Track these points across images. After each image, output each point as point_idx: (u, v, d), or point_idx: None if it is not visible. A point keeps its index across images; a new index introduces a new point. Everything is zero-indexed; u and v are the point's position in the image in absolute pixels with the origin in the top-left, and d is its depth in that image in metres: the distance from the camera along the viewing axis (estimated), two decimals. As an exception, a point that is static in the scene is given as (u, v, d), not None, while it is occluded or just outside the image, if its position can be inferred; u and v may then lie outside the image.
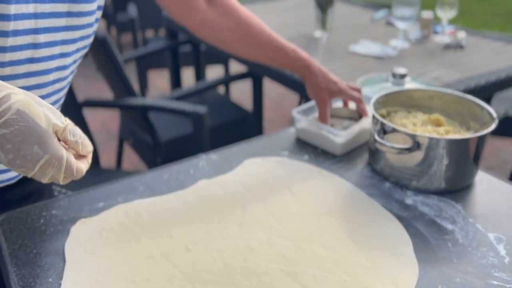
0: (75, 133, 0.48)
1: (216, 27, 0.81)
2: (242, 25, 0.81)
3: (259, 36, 0.82)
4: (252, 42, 0.82)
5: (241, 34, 0.81)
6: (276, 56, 0.83)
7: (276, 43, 0.83)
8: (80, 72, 3.41)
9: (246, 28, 0.81)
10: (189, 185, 0.74)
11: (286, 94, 3.06)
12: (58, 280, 0.55)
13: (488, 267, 0.58)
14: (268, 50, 0.83)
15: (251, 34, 0.81)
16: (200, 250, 0.60)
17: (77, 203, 0.68)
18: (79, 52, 0.65)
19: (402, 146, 0.70)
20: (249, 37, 0.82)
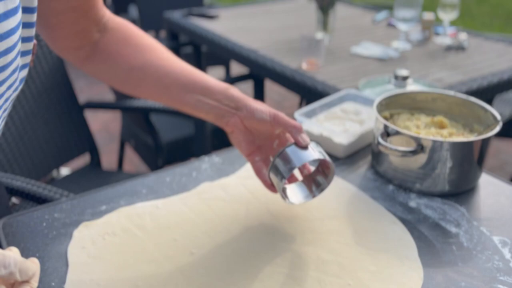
0: (5, 263, 0.40)
1: (109, 56, 0.65)
2: (143, 49, 0.65)
3: (166, 61, 0.65)
4: (158, 70, 0.64)
5: (142, 60, 0.64)
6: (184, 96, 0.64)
7: (191, 70, 0.66)
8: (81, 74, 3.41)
9: (148, 53, 0.65)
10: (192, 188, 0.74)
11: (286, 95, 3.06)
12: (61, 284, 0.54)
13: (493, 271, 0.58)
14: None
15: (155, 60, 0.65)
16: (204, 254, 0.60)
17: (80, 206, 0.68)
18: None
19: (405, 149, 0.69)
20: (154, 63, 0.65)
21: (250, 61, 1.44)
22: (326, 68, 1.33)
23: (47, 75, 1.28)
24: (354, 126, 0.86)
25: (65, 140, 1.34)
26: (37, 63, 1.26)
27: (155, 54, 0.65)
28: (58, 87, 1.32)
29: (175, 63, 0.65)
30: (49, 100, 1.29)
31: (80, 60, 0.66)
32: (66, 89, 1.34)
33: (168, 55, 0.66)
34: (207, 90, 0.63)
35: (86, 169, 1.43)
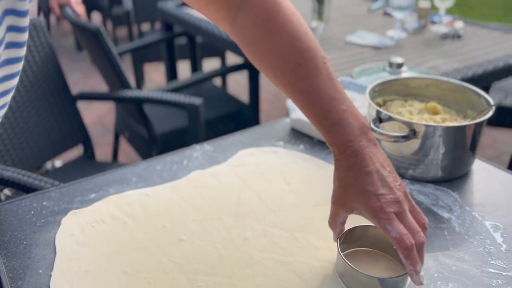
0: None
1: (245, 37, 0.56)
2: (275, 37, 0.54)
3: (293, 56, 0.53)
4: (282, 63, 0.54)
5: (271, 49, 0.54)
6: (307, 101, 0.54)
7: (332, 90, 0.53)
8: (76, 66, 3.38)
9: (279, 40, 0.54)
10: (183, 176, 0.73)
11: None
12: (48, 272, 0.54)
13: (485, 255, 0.57)
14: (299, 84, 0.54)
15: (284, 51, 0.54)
16: (194, 241, 0.59)
17: (69, 195, 0.67)
18: None
19: (398, 134, 0.69)
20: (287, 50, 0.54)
21: (244, 51, 1.43)
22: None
23: (38, 65, 1.27)
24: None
25: (57, 132, 1.33)
26: (28, 54, 1.25)
27: (286, 67, 0.54)
28: (50, 77, 1.30)
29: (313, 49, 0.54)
30: (41, 91, 1.28)
31: (224, 29, 0.59)
32: (58, 79, 1.33)
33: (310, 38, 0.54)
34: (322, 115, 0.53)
35: (79, 160, 1.42)
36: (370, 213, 0.49)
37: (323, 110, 0.52)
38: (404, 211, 0.49)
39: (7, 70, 0.44)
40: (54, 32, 4.16)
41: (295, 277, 0.54)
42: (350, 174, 0.51)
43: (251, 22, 0.55)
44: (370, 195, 0.49)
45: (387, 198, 0.49)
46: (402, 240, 0.47)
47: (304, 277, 0.54)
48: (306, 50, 0.53)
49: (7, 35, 0.43)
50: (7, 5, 0.42)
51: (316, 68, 0.52)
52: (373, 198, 0.49)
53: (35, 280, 0.53)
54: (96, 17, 3.99)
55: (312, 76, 0.52)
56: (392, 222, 0.48)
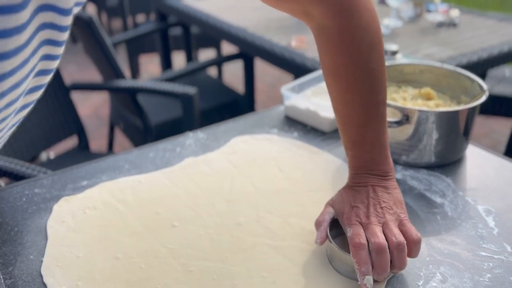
0: None
1: (324, 51, 0.56)
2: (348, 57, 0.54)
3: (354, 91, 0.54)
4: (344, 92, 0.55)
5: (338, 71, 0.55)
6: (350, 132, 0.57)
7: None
8: (70, 58, 3.36)
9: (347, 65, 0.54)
10: (176, 163, 0.73)
11: (280, 77, 3.03)
12: (39, 257, 0.54)
13: (477, 239, 0.57)
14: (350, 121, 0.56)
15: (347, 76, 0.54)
16: (186, 226, 0.59)
17: (61, 182, 0.67)
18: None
19: (391, 120, 0.68)
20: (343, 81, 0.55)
21: (240, 40, 1.42)
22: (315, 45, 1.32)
23: (31, 55, 1.26)
24: (341, 100, 0.85)
25: (51, 122, 1.32)
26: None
27: (364, 105, 0.55)
28: (43, 67, 1.29)
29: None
30: (34, 80, 1.27)
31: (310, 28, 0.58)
32: (52, 69, 1.32)
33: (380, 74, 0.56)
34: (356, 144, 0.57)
35: (74, 151, 1.41)
36: (340, 217, 0.54)
37: (377, 134, 0.56)
38: (371, 224, 0.51)
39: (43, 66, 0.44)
40: (49, 24, 4.12)
41: (288, 261, 0.54)
42: (348, 189, 0.57)
43: (340, 40, 0.54)
44: (346, 204, 0.54)
45: (358, 210, 0.53)
46: (352, 238, 0.50)
47: (296, 261, 0.54)
48: (384, 100, 0.57)
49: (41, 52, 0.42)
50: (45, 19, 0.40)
51: (383, 102, 0.56)
52: (347, 206, 0.54)
53: (26, 266, 0.52)
54: (91, 8, 3.96)
55: (380, 107, 0.56)
56: (351, 226, 0.51)
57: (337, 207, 0.55)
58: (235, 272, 0.53)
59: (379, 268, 0.48)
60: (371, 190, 0.55)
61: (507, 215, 0.61)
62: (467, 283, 0.51)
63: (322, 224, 0.54)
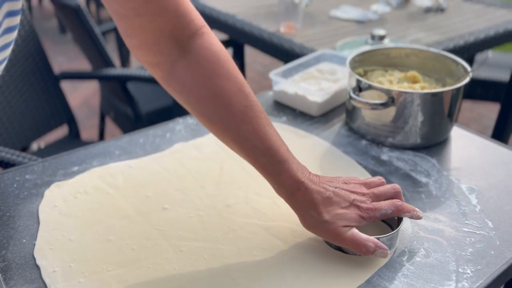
0: None
1: (183, 88, 0.53)
2: (217, 99, 0.52)
3: (235, 124, 0.53)
4: (227, 129, 0.53)
5: (211, 111, 0.53)
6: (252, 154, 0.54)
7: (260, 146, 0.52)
8: (59, 49, 3.33)
9: (221, 107, 0.52)
10: (166, 149, 0.73)
11: (271, 66, 3.03)
12: (32, 241, 0.54)
13: (460, 216, 0.59)
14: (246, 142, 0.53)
15: (226, 117, 0.53)
16: (176, 209, 0.60)
17: (51, 168, 0.68)
18: None
19: (376, 102, 0.70)
20: (222, 120, 0.53)
21: (229, 27, 1.42)
22: (305, 31, 1.32)
23: (19, 44, 1.25)
24: (329, 85, 0.86)
25: (41, 112, 1.32)
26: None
27: (226, 111, 0.52)
28: (31, 56, 1.29)
29: (245, 127, 0.52)
30: (22, 70, 1.26)
31: (159, 79, 0.55)
32: (40, 59, 1.31)
33: (240, 116, 0.52)
34: (267, 175, 0.54)
35: (64, 141, 1.41)
36: (364, 219, 0.52)
37: (271, 149, 0.52)
38: (372, 192, 0.54)
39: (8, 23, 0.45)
40: (36, 14, 4.08)
41: (278, 240, 0.56)
42: (324, 208, 0.51)
43: (198, 64, 0.52)
44: (350, 208, 0.52)
45: (359, 199, 0.53)
46: (397, 205, 0.53)
47: (286, 240, 0.56)
48: (250, 94, 0.54)
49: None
50: None
51: (260, 111, 0.53)
52: (353, 209, 0.52)
53: (19, 249, 0.53)
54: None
55: (257, 118, 0.53)
56: (379, 207, 0.52)
57: (353, 220, 0.51)
58: (226, 251, 0.54)
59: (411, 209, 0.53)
60: (328, 185, 0.53)
61: (489, 193, 0.63)
62: (449, 257, 0.53)
63: (373, 241, 0.51)
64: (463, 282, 0.49)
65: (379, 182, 0.56)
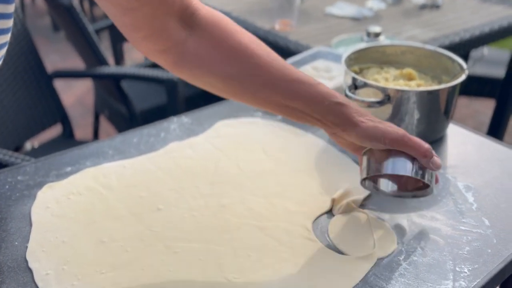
0: None
1: (201, 62, 0.53)
2: (239, 54, 0.53)
3: (265, 68, 0.53)
4: (256, 79, 0.53)
5: (239, 68, 0.53)
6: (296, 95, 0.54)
7: (294, 76, 0.54)
8: (53, 47, 3.31)
9: (245, 58, 0.53)
10: (160, 148, 0.73)
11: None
12: (24, 243, 0.54)
13: (456, 214, 0.59)
14: (282, 88, 0.53)
15: (253, 67, 0.53)
16: (171, 209, 0.60)
17: (44, 169, 0.67)
18: None
19: (372, 100, 0.69)
20: (251, 72, 0.53)
21: (223, 24, 1.42)
22: (300, 28, 1.31)
23: (11, 43, 1.23)
24: (325, 83, 0.85)
25: (34, 111, 1.31)
26: None
27: (252, 60, 0.52)
28: (24, 55, 1.27)
29: (274, 67, 0.53)
30: (15, 68, 1.25)
31: (170, 66, 0.54)
32: (33, 57, 1.30)
33: (266, 59, 0.53)
34: (311, 102, 0.54)
35: (58, 140, 1.40)
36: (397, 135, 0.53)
37: (321, 94, 0.53)
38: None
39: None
40: (29, 12, 4.04)
41: (273, 241, 0.55)
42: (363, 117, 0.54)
43: (208, 32, 0.53)
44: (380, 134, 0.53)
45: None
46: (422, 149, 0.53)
47: (282, 241, 0.55)
48: (270, 52, 0.55)
49: None
50: None
51: (283, 65, 0.54)
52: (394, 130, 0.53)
53: (11, 252, 0.52)
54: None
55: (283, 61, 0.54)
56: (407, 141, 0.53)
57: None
58: (221, 252, 0.53)
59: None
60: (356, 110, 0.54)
61: (486, 191, 0.63)
62: (446, 256, 0.52)
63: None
64: (460, 281, 0.49)
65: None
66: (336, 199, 0.60)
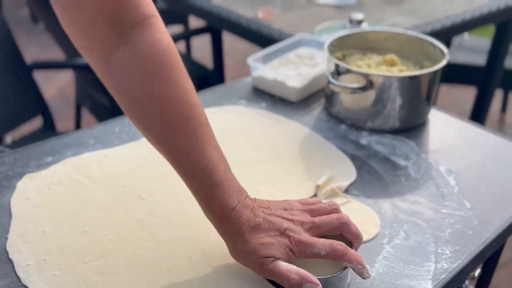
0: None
1: (119, 81, 0.46)
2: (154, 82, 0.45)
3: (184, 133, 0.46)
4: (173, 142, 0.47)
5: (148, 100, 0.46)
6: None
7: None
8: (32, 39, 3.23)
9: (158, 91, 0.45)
10: (142, 137, 0.72)
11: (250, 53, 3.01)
12: (4, 235, 0.53)
13: (439, 197, 0.59)
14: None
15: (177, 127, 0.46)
16: (155, 197, 0.59)
17: (23, 159, 0.65)
18: None
19: (355, 86, 0.69)
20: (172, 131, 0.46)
21: (205, 12, 1.40)
22: (283, 16, 1.31)
23: (-13, 33, 1.20)
24: (308, 71, 0.85)
25: (14, 103, 1.28)
26: (-25, 20, 1.18)
27: (170, 119, 0.46)
28: (1, 45, 1.24)
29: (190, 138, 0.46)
30: (-8, 59, 1.21)
31: (93, 66, 0.48)
32: (10, 48, 1.26)
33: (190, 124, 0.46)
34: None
35: (39, 132, 1.37)
36: (294, 253, 0.45)
37: (205, 171, 0.46)
38: (311, 222, 0.46)
39: None
40: (7, 3, 3.94)
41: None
42: (249, 238, 0.45)
43: (137, 59, 0.45)
44: (280, 238, 0.45)
45: (293, 229, 0.45)
46: (335, 249, 0.44)
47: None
48: (194, 105, 0.47)
49: None
50: None
51: (202, 125, 0.47)
52: (283, 238, 0.45)
53: (-10, 244, 0.51)
54: (51, -15, 3.78)
55: (197, 132, 0.46)
56: (314, 244, 0.44)
57: (279, 251, 0.44)
58: (205, 239, 0.53)
59: (358, 235, 0.47)
60: (260, 211, 0.47)
61: (467, 174, 0.63)
62: (429, 239, 0.53)
63: (298, 273, 0.43)
64: (442, 262, 0.50)
65: (329, 209, 0.48)
66: (321, 185, 0.60)
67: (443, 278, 0.48)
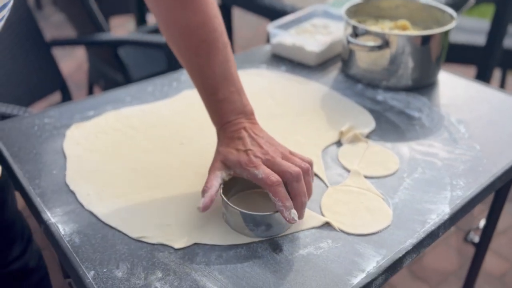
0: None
1: (161, 12, 0.56)
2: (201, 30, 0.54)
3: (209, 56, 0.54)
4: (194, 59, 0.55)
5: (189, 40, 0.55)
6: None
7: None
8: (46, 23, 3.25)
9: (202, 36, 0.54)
10: (174, 95, 0.77)
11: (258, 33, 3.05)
12: (62, 172, 0.58)
13: (451, 141, 0.65)
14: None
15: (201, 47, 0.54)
16: (194, 143, 0.65)
17: (68, 112, 0.71)
18: None
19: (373, 44, 0.75)
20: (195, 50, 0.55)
21: (217, -8, 1.45)
22: None
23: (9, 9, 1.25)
24: (323, 38, 0.91)
25: (34, 78, 1.33)
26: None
27: (191, 41, 0.54)
28: (23, 22, 1.28)
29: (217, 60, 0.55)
30: (14, 35, 1.26)
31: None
32: (31, 25, 1.31)
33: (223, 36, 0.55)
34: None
35: (59, 106, 1.42)
36: (240, 166, 0.50)
37: (213, 87, 0.54)
38: (273, 158, 0.50)
39: None
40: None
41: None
42: (227, 143, 0.53)
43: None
44: (240, 152, 0.51)
45: (255, 152, 0.51)
46: (268, 178, 0.48)
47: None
48: (212, 31, 0.54)
49: None
50: None
51: (216, 48, 0.54)
52: (242, 154, 0.51)
53: (51, 179, 0.57)
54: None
55: (211, 55, 0.54)
56: (258, 167, 0.49)
57: (231, 161, 0.51)
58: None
59: (302, 195, 0.48)
60: (251, 131, 0.53)
61: (476, 124, 0.70)
62: (444, 174, 0.59)
63: (208, 191, 0.49)
64: (457, 191, 0.56)
65: (299, 163, 0.51)
66: (344, 132, 0.66)
67: (458, 203, 0.54)
